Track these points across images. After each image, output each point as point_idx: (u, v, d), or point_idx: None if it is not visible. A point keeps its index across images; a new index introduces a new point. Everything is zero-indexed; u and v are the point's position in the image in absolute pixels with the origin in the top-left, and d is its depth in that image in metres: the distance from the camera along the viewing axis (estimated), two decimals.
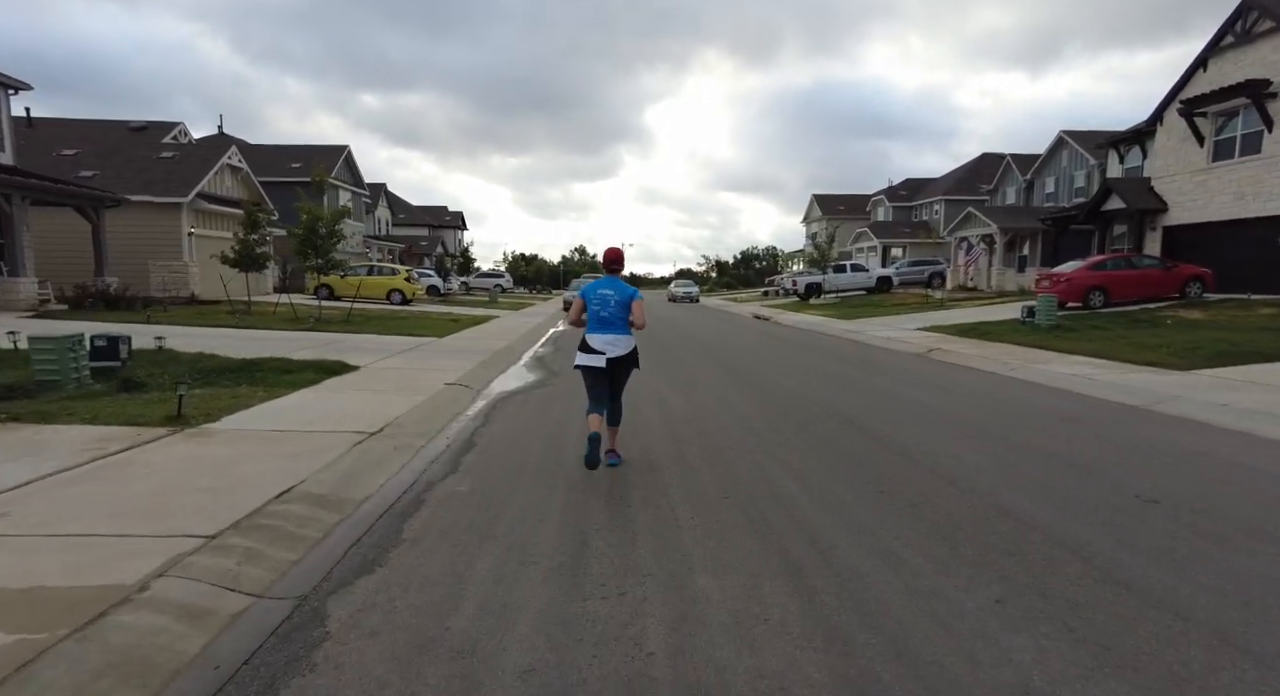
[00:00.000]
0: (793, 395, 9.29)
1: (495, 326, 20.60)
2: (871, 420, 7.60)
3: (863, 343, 17.05)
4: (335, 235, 18.97)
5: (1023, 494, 5.01)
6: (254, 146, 41.52)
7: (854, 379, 10.83)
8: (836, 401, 8.79)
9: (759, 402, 8.73)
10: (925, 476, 5.44)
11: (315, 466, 5.24)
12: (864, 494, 5.02)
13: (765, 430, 7.17)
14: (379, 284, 28.35)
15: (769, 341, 17.47)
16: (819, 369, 12.03)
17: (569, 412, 8.05)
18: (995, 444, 6.51)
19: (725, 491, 5.11)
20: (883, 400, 8.90)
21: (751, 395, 9.28)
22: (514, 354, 14.07)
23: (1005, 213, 36.15)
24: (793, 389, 9.82)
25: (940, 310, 25.14)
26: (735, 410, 8.25)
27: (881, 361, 13.19)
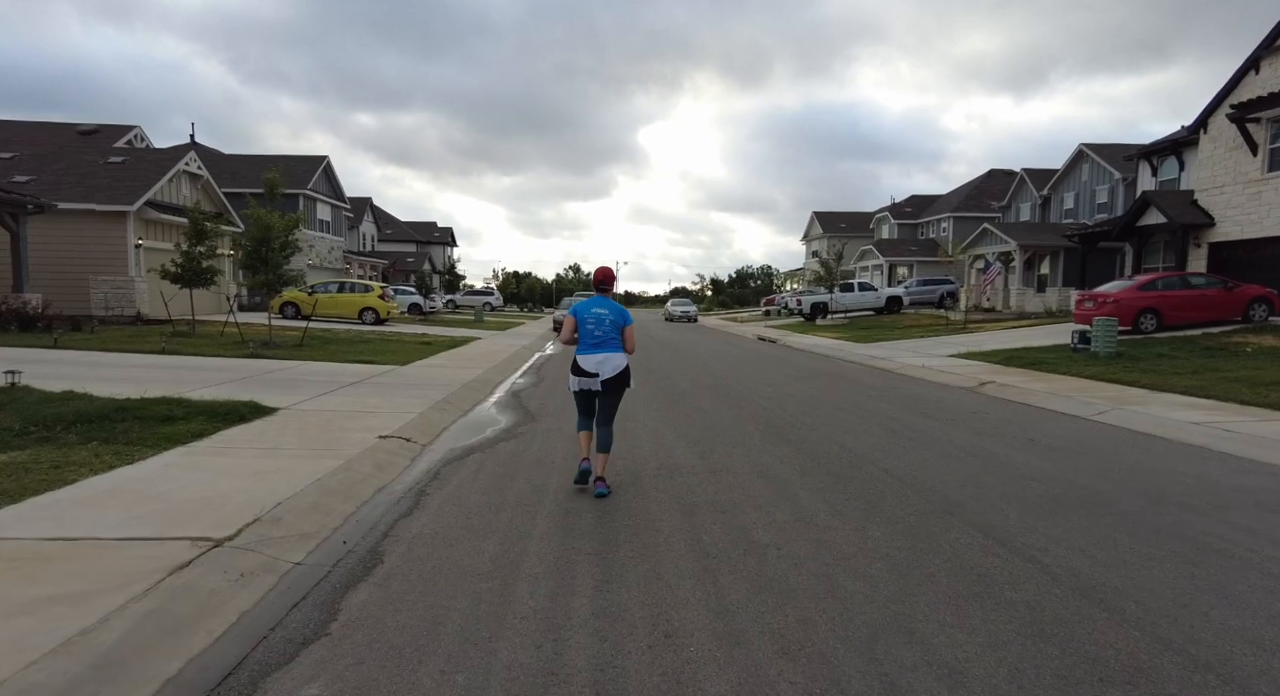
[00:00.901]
0: (847, 456, 6.94)
1: (473, 350, 18.24)
2: (979, 505, 5.26)
3: (896, 373, 14.73)
4: (289, 246, 16.61)
5: None
6: (226, 156, 39.30)
7: (912, 426, 8.49)
8: (910, 467, 6.45)
9: (806, 470, 6.38)
10: (1178, 665, 3.08)
11: (47, 643, 2.85)
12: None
13: (835, 529, 4.80)
14: (350, 302, 25.98)
15: (786, 370, 15.15)
16: (861, 409, 9.69)
17: (539, 486, 5.68)
18: (1210, 561, 4.17)
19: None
20: (967, 462, 6.56)
21: (791, 456, 6.93)
22: (485, 387, 11.70)
23: (1024, 229, 34.12)
24: (842, 444, 7.47)
25: (964, 333, 22.92)
26: (779, 484, 5.89)
27: (932, 399, 10.86)
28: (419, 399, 9.56)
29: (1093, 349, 14.90)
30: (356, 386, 10.60)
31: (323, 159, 39.16)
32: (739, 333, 32.75)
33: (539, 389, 11.82)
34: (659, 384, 12.48)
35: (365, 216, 57.92)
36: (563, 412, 9.27)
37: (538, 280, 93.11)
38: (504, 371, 14.05)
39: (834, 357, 18.56)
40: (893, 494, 5.54)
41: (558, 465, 6.41)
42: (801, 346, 22.59)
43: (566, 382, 5.83)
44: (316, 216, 38.47)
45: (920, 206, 53.01)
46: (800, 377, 13.73)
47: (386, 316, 26.24)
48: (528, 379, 13.33)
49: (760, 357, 18.66)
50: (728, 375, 14.00)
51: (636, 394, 10.90)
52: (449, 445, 7.29)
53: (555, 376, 13.58)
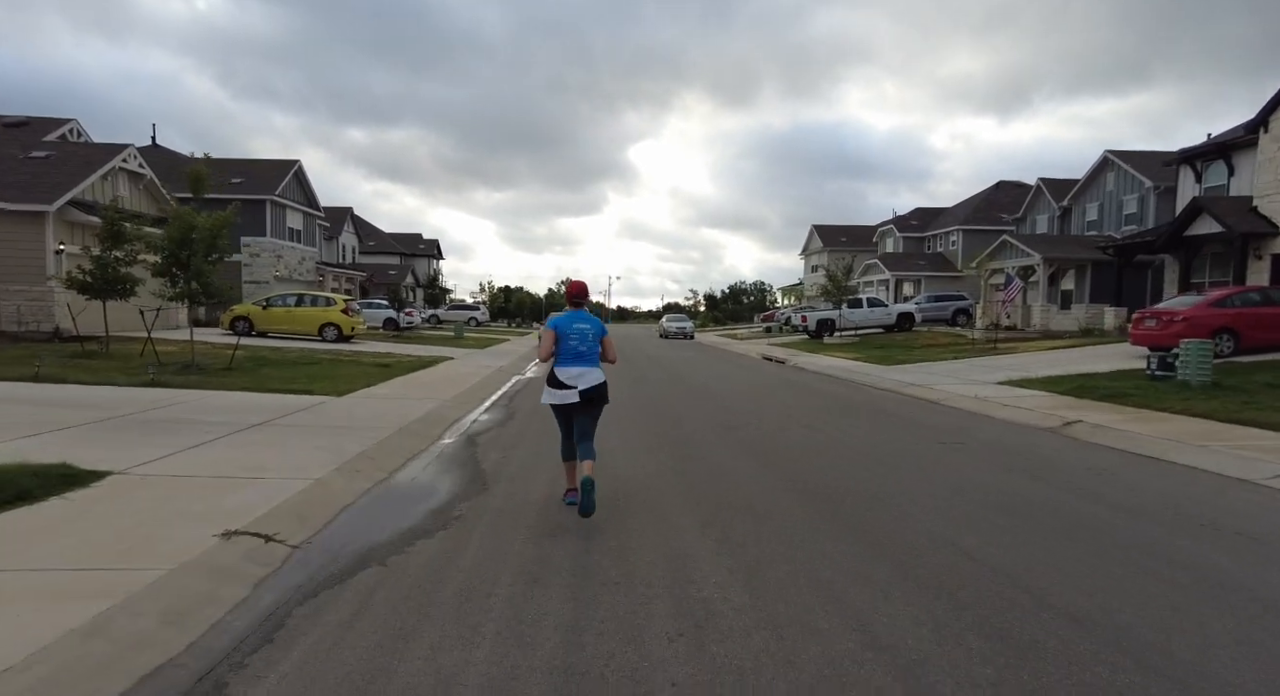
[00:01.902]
0: (966, 569, 4.31)
1: (437, 374, 15.57)
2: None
3: (948, 406, 12.14)
4: (218, 250, 13.93)
5: None
6: (188, 159, 36.59)
7: (1026, 498, 5.88)
8: (1088, 596, 3.83)
9: (912, 598, 3.74)
10: None
11: None
12: None
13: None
14: (309, 316, 23.26)
15: (810, 401, 12.55)
16: (939, 467, 7.08)
17: (461, 663, 2.98)
18: None
19: None
20: (1161, 579, 3.96)
21: (870, 563, 4.30)
22: (433, 429, 9.03)
23: (1047, 241, 31.83)
24: (941, 537, 4.85)
25: (997, 355, 20.41)
26: (889, 651, 3.23)
27: (1019, 448, 8.27)
28: (331, 452, 6.89)
29: (1180, 376, 12.38)
30: (258, 430, 7.93)
31: (293, 163, 36.56)
32: (741, 351, 30.16)
33: (505, 431, 9.16)
34: (660, 422, 9.85)
35: (345, 227, 55.31)
36: (528, 474, 6.63)
37: (528, 294, 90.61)
38: (466, 404, 11.38)
39: (860, 384, 15.96)
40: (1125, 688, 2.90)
41: (504, 595, 3.76)
42: (816, 368, 20.01)
43: (541, 397, 5.63)
44: (286, 224, 35.81)
45: (926, 219, 50.81)
46: (832, 412, 11.12)
47: (351, 332, 23.53)
48: (494, 414, 10.66)
49: (775, 383, 16.05)
50: (743, 408, 11.38)
51: (634, 440, 8.29)
52: (335, 546, 4.61)
53: (529, 410, 10.94)
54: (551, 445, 7.89)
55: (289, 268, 35.87)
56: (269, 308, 23.23)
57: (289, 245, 36.01)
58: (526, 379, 16.37)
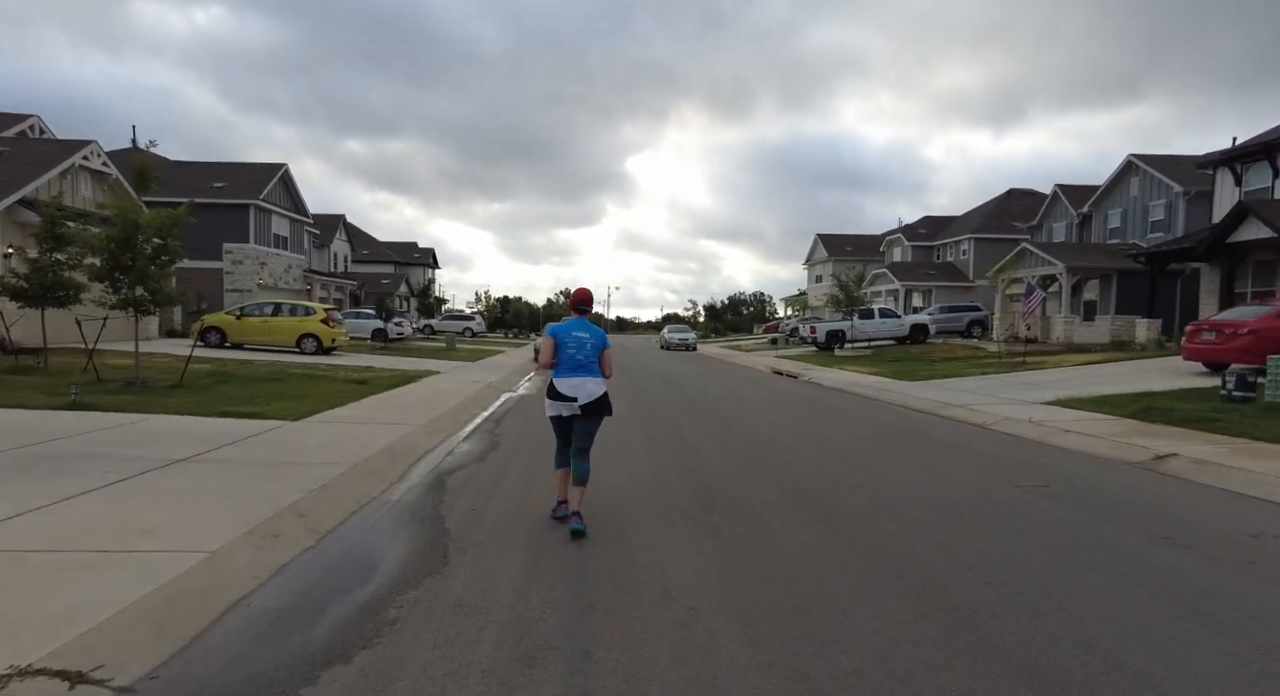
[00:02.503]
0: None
1: (418, 392, 13.94)
2: None
3: (996, 431, 10.52)
4: (169, 251, 12.33)
5: None
6: (170, 163, 35.13)
7: (1207, 588, 4.27)
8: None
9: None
10: None
11: None
12: None
13: None
14: (286, 327, 21.62)
15: (843, 425, 10.94)
16: (1046, 529, 5.46)
17: None
18: None
19: None
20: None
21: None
22: (396, 466, 7.39)
23: (1070, 250, 30.32)
24: (1113, 657, 3.23)
25: (1029, 371, 18.81)
26: None
27: (1121, 495, 6.65)
28: (253, 503, 5.28)
29: (1269, 397, 10.79)
30: (177, 469, 6.30)
31: (279, 167, 35.04)
32: (749, 364, 28.56)
33: (484, 468, 7.53)
34: (674, 453, 8.23)
35: (337, 234, 53.83)
36: (506, 539, 5.02)
37: (525, 304, 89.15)
38: (443, 429, 9.75)
39: (890, 403, 14.35)
40: None
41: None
42: (835, 384, 18.40)
43: (543, 407, 5.56)
44: (271, 230, 34.25)
45: (935, 228, 49.38)
46: (873, 441, 9.50)
47: (332, 344, 21.91)
48: (475, 443, 9.03)
49: (795, 402, 14.42)
50: (770, 437, 9.76)
51: (644, 478, 6.68)
52: (190, 687, 2.98)
53: (516, 438, 9.33)
54: (541, 488, 6.29)
55: (274, 275, 34.29)
56: (243, 317, 21.62)
57: (274, 252, 34.44)
58: (517, 397, 14.75)
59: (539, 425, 10.45)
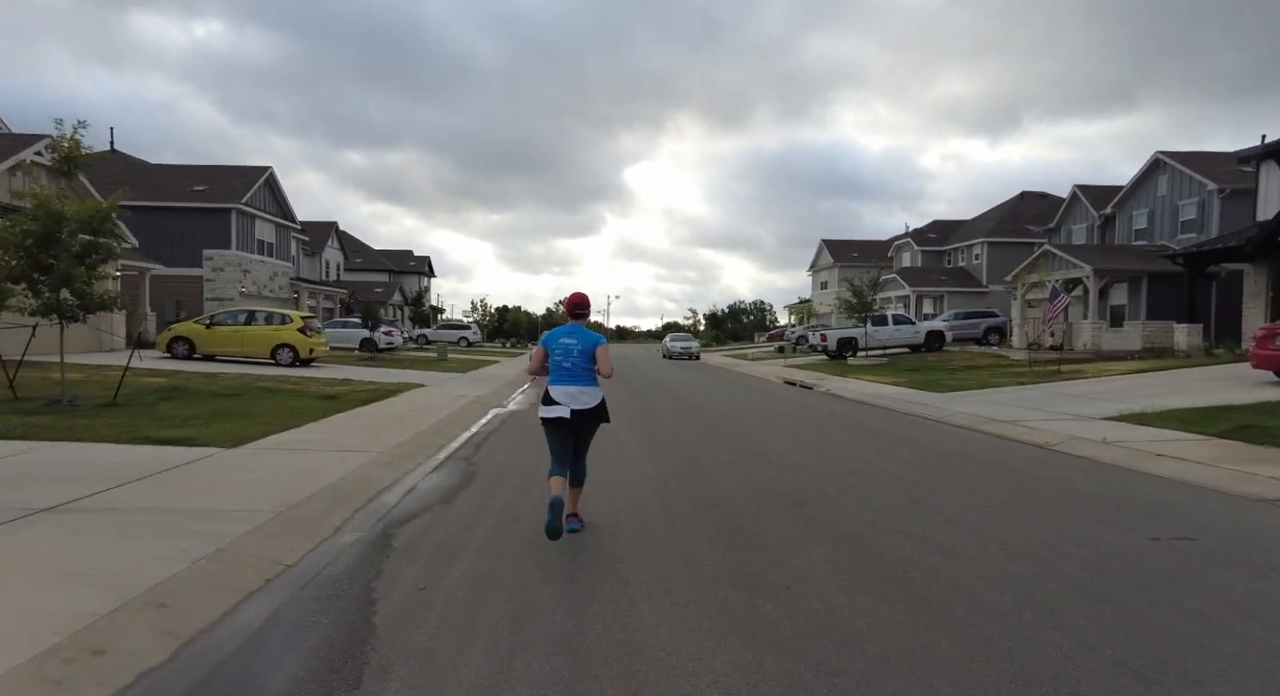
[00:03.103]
0: None
1: (392, 409, 12.33)
2: None
3: (1068, 454, 8.88)
4: (100, 249, 10.74)
5: None
6: (151, 166, 33.66)
7: None
8: None
9: None
10: None
11: None
12: None
13: None
14: (259, 336, 19.99)
15: (882, 447, 9.32)
16: (1219, 608, 3.85)
17: None
18: None
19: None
20: None
21: None
22: (332, 513, 5.76)
23: (1097, 252, 28.77)
24: None
25: (1067, 380, 17.21)
26: None
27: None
28: (84, 593, 3.66)
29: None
30: (24, 526, 4.70)
31: (264, 170, 33.53)
32: (757, 374, 26.93)
33: (449, 513, 5.91)
34: (689, 488, 6.60)
35: (329, 242, 52.36)
36: (470, 621, 3.36)
37: (523, 314, 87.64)
38: (410, 457, 8.11)
39: (926, 418, 12.73)
40: None
41: None
42: (857, 396, 16.78)
43: (537, 413, 5.34)
44: (255, 236, 32.71)
45: (945, 232, 47.88)
46: (929, 469, 7.87)
47: (310, 355, 20.29)
48: (445, 476, 7.40)
49: (819, 418, 12.78)
50: (801, 463, 8.14)
51: (656, 531, 5.06)
52: None
53: (498, 467, 7.72)
54: (523, 542, 4.70)
55: (257, 283, 32.73)
56: (213, 326, 20.01)
57: (258, 258, 32.89)
58: (506, 413, 13.13)
59: (527, 447, 8.85)
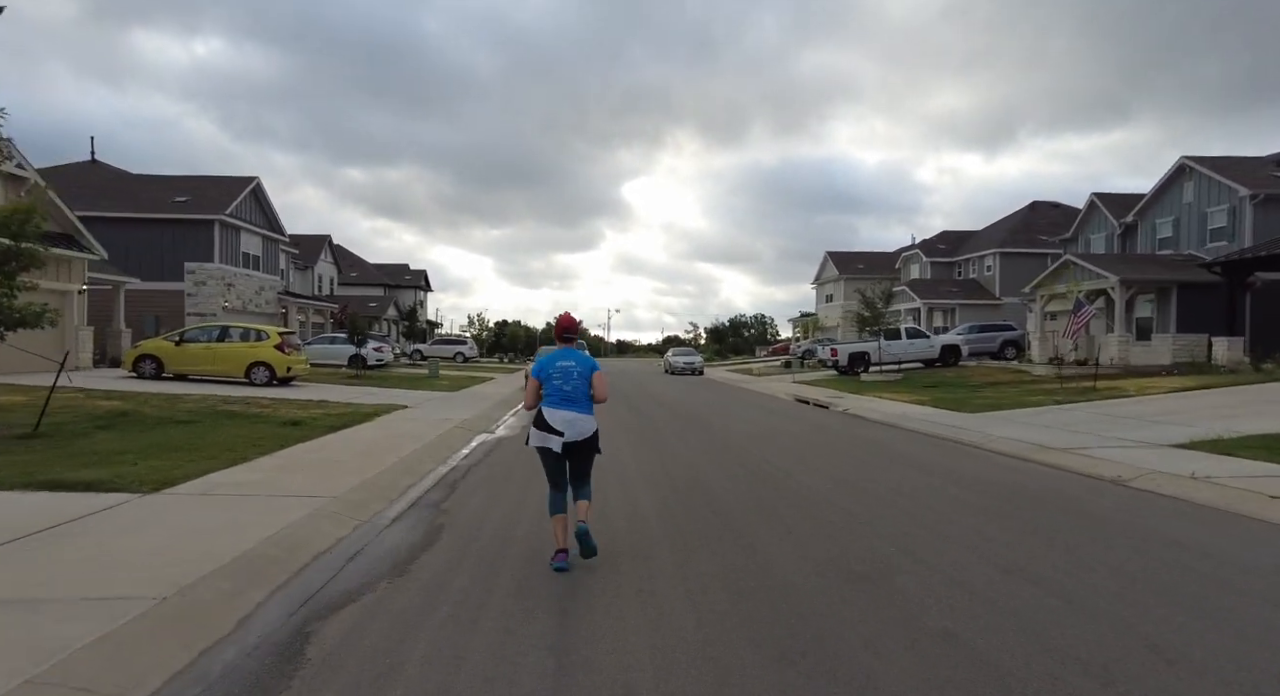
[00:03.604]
0: None
1: (364, 437, 10.89)
2: None
3: (1155, 494, 7.41)
4: (20, 256, 9.33)
5: None
6: (132, 176, 32.42)
7: None
8: None
9: None
10: None
11: None
12: None
13: None
14: (232, 354, 18.57)
15: (932, 483, 7.88)
16: None
17: None
18: None
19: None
20: None
21: None
22: (243, 597, 4.32)
23: (1123, 261, 27.42)
24: None
25: (1109, 399, 15.79)
26: None
27: None
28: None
29: None
30: None
31: (250, 180, 32.26)
32: (766, 391, 25.49)
33: (395, 602, 4.47)
34: (720, 557, 5.17)
35: (322, 255, 51.14)
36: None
37: (522, 328, 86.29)
38: (366, 505, 6.66)
39: (965, 444, 11.29)
40: None
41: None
42: (880, 416, 15.33)
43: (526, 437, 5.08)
44: (240, 249, 31.39)
45: (954, 243, 46.61)
46: (1006, 520, 6.43)
47: (288, 374, 18.88)
48: (405, 532, 5.95)
49: (849, 445, 11.33)
50: (844, 504, 6.71)
51: (683, 630, 3.58)
52: None
53: (474, 520, 6.29)
54: (495, 651, 3.27)
55: (242, 298, 31.38)
56: (184, 343, 18.60)
57: (243, 272, 31.56)
58: (493, 440, 11.69)
59: (511, 489, 7.42)
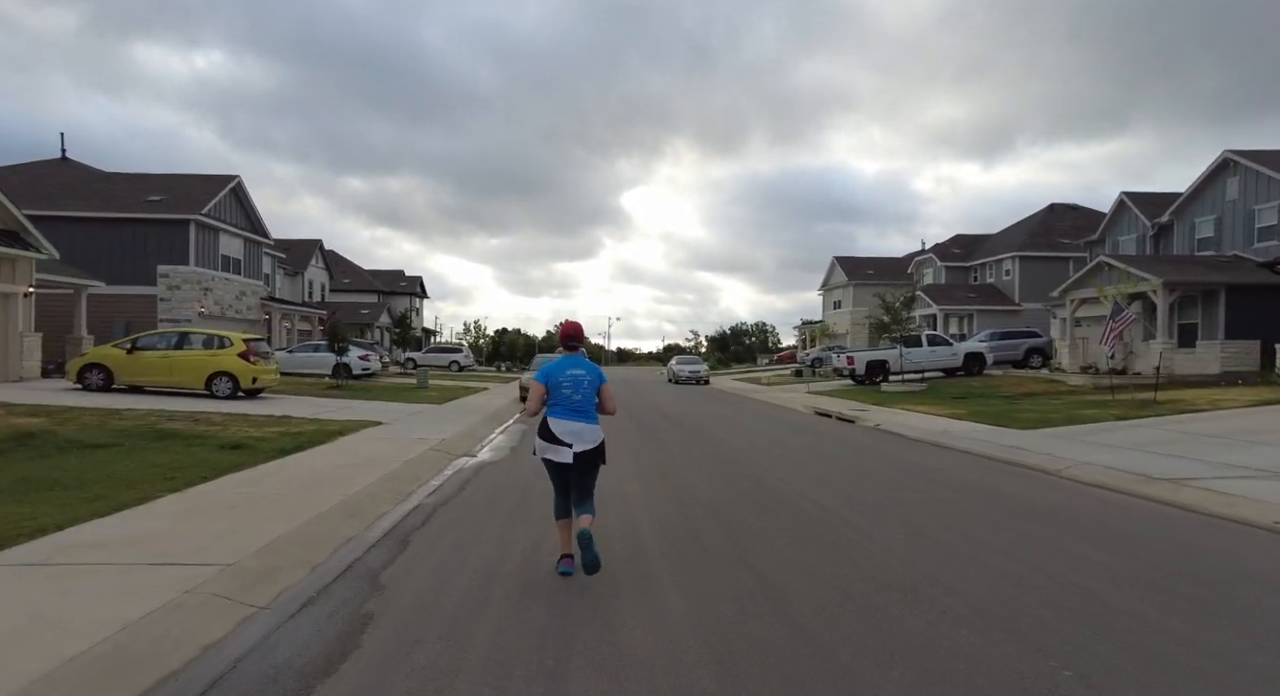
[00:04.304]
0: None
1: (317, 464, 8.99)
2: None
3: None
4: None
5: None
6: (103, 174, 30.62)
7: None
8: None
9: None
10: None
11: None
12: None
13: None
14: (192, 363, 16.63)
15: (1037, 533, 5.99)
16: None
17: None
18: None
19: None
20: None
21: None
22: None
23: (1166, 262, 25.55)
24: None
25: (1175, 415, 13.90)
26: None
27: None
28: None
29: None
30: None
31: (230, 179, 30.45)
32: (780, 402, 23.57)
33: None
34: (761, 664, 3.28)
35: (313, 261, 49.34)
36: None
37: (520, 336, 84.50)
38: (272, 577, 4.74)
39: (1040, 472, 9.37)
40: None
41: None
42: (919, 434, 13.43)
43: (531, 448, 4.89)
44: (218, 251, 29.55)
45: (969, 247, 44.79)
46: (1202, 611, 4.55)
47: (254, 385, 16.98)
48: (306, 635, 4.03)
49: (903, 472, 9.41)
50: (949, 581, 4.82)
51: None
52: None
53: (426, 595, 4.37)
54: None
55: (221, 303, 29.51)
56: (137, 351, 16.67)
57: (222, 275, 29.70)
58: (473, 467, 9.78)
59: (486, 548, 5.50)
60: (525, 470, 9.27)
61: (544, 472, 4.93)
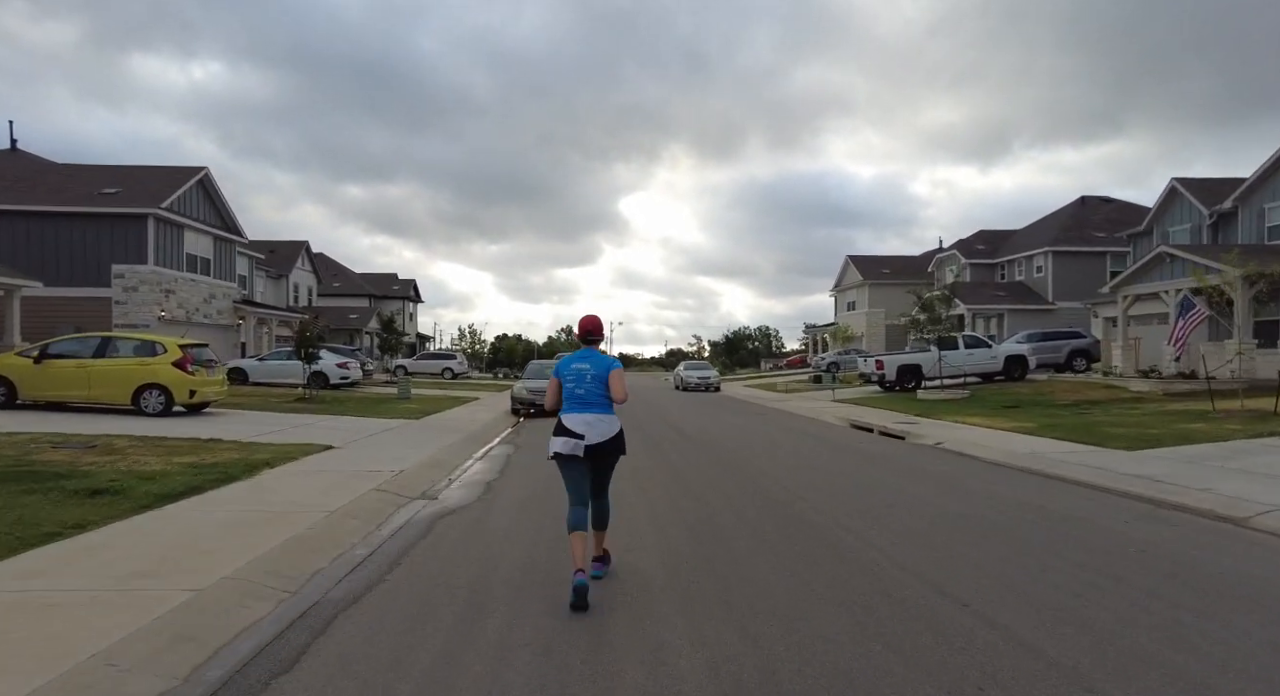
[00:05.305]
0: None
1: (203, 521, 6.31)
2: None
3: None
4: None
5: None
6: (57, 165, 28.05)
7: None
8: None
9: None
10: None
11: None
12: None
13: None
14: (116, 374, 13.88)
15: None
16: None
17: None
18: None
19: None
20: None
21: None
22: None
23: (1241, 253, 22.80)
24: None
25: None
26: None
27: None
28: None
29: None
30: None
31: (196, 170, 27.83)
32: (803, 412, 20.84)
33: None
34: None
35: (299, 263, 46.84)
36: None
37: (519, 341, 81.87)
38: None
39: (1224, 519, 6.67)
40: None
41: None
42: (1001, 457, 10.70)
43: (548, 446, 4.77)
44: (183, 250, 26.92)
45: (994, 243, 42.09)
46: None
47: (192, 399, 14.30)
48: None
49: (1024, 525, 6.66)
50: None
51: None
52: None
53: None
54: None
55: (186, 306, 26.87)
56: (47, 360, 14.00)
57: (187, 276, 27.07)
58: (431, 516, 7.04)
59: None
60: (500, 522, 6.63)
61: (529, 522, 4.60)
